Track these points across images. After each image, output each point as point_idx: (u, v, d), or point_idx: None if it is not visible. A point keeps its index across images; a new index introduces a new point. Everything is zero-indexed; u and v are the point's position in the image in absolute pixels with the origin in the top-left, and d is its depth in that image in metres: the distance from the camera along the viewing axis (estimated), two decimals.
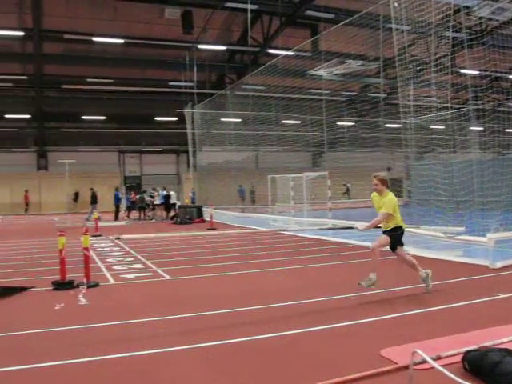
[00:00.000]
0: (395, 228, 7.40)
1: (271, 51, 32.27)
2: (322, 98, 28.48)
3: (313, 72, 26.16)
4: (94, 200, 27.80)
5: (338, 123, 34.57)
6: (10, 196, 41.51)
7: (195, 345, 5.19)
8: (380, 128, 32.70)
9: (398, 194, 30.25)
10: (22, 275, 9.81)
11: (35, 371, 4.62)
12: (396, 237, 7.42)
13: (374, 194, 7.52)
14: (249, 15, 29.15)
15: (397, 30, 13.40)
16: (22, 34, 30.75)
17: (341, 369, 4.37)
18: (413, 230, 11.67)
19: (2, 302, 7.61)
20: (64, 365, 4.76)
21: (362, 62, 26.89)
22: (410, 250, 11.39)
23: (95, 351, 5.07)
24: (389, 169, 28.91)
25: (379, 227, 7.48)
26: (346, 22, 18.43)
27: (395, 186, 31.34)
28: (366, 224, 7.52)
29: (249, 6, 28.36)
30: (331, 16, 29.65)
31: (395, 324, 5.95)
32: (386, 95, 34.76)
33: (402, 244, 7.57)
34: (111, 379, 4.40)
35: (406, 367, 4.09)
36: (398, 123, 17.40)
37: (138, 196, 28.74)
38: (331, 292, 7.63)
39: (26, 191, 41.01)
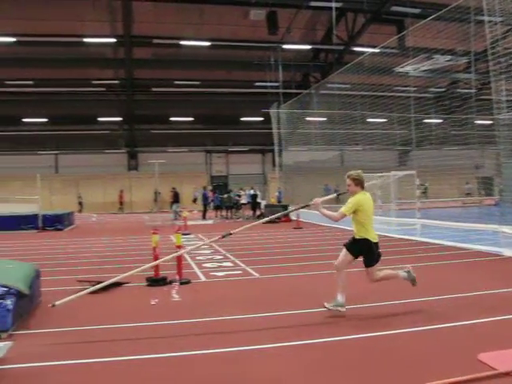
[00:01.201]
0: (362, 240, 6.55)
1: (356, 49, 31.98)
2: (408, 95, 27.90)
3: (399, 69, 25.68)
4: (176, 199, 28.52)
5: (426, 121, 33.73)
6: (103, 195, 43.40)
7: (287, 343, 5.30)
8: (470, 125, 31.62)
9: (489, 193, 29.11)
10: (118, 271, 10.26)
11: (131, 363, 4.90)
12: (364, 250, 6.54)
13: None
14: (333, 13, 29.03)
15: (489, 22, 12.97)
16: (114, 40, 32.18)
17: (436, 371, 4.33)
18: (507, 230, 11.30)
19: (100, 296, 8.04)
20: (159, 358, 5.01)
21: (450, 57, 26.14)
22: (504, 251, 11.07)
23: (189, 346, 5.30)
24: (477, 167, 27.94)
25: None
26: (433, 16, 17.99)
27: (486, 184, 30.25)
28: (322, 205, 6.75)
29: (333, 4, 28.25)
30: (418, 11, 29.03)
31: (493, 327, 5.77)
32: (476, 91, 33.60)
33: (376, 261, 6.61)
34: (202, 375, 4.58)
35: (508, 374, 3.99)
36: (490, 119, 16.82)
37: (225, 195, 29.30)
38: (425, 293, 7.51)
39: (121, 191, 42.75)
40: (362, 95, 28.29)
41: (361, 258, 6.57)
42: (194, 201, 32.91)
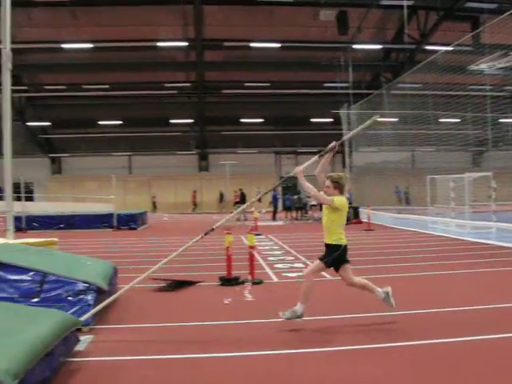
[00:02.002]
0: (334, 246, 6.15)
1: (428, 47, 31.29)
2: (483, 94, 27.07)
3: (473, 67, 24.94)
4: (243, 200, 28.89)
5: (502, 120, 32.61)
6: (174, 196, 44.36)
7: (373, 345, 5.27)
8: None
9: None
10: (192, 270, 10.48)
11: (209, 360, 4.99)
12: (335, 257, 6.17)
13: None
14: (405, 11, 28.50)
15: None
16: (185, 44, 32.88)
17: None
18: None
19: (175, 294, 8.24)
20: (239, 356, 5.08)
21: None
22: None
23: (265, 345, 5.35)
24: None
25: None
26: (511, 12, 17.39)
27: None
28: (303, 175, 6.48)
29: (405, 2, 27.74)
30: (494, 6, 28.14)
31: None
32: None
33: (345, 262, 6.28)
34: (287, 375, 4.62)
35: None
36: None
37: (295, 196, 29.32)
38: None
39: (194, 191, 43.57)
40: (435, 95, 27.67)
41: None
42: (259, 201, 33.07)
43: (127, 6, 30.19)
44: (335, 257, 6.16)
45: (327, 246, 6.24)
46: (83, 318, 5.83)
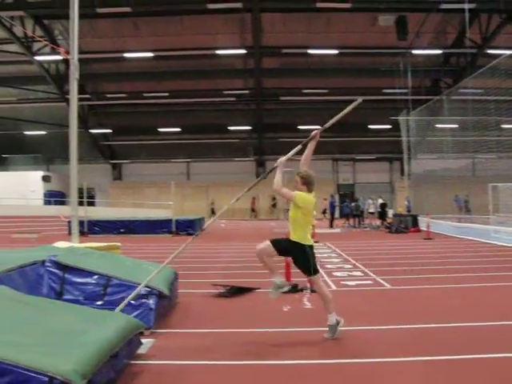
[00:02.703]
0: (296, 244, 5.97)
1: (490, 51, 30.51)
2: None
3: None
4: None
5: None
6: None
7: (420, 357, 5.17)
8: None
9: None
10: (250, 276, 10.53)
11: (272, 368, 5.00)
12: (297, 254, 6.01)
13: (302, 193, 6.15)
14: (466, 15, 27.89)
15: None
16: (244, 51, 33.26)
17: None
18: None
19: (234, 300, 8.31)
20: (301, 364, 5.08)
21: None
22: None
23: (323, 354, 5.34)
24: None
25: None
26: None
27: None
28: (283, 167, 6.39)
29: (466, 6, 27.15)
30: None
31: None
32: None
33: (314, 269, 5.95)
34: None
35: None
36: None
37: (353, 203, 29.09)
38: None
39: (254, 198, 43.83)
40: (498, 100, 26.94)
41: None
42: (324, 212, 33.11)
43: (187, 16, 30.75)
44: (296, 253, 6.03)
45: (291, 242, 6.06)
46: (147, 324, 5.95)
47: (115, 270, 6.74)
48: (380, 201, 28.33)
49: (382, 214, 28.17)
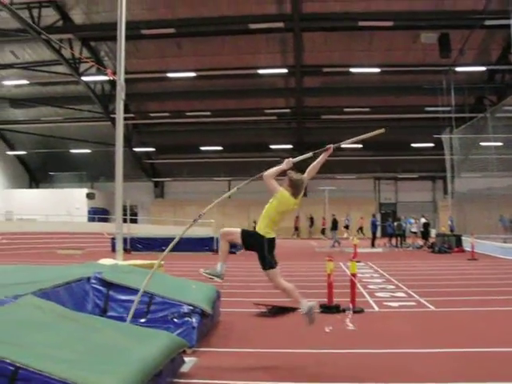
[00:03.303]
0: (257, 235, 6.16)
1: None
2: None
3: None
4: (334, 226, 28.93)
5: None
6: None
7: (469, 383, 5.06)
8: None
9: None
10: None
11: None
12: (256, 246, 6.17)
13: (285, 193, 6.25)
14: None
15: None
16: (285, 71, 33.43)
17: None
18: None
19: (276, 320, 8.28)
20: None
21: None
22: None
23: (370, 377, 5.25)
24: None
25: None
26: None
27: None
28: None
29: (511, 22, 26.74)
30: None
31: None
32: None
33: (269, 264, 6.20)
34: None
35: None
36: None
37: (395, 223, 28.73)
38: None
39: (297, 217, 43.88)
40: None
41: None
42: (346, 227, 32.93)
43: (229, 36, 31.16)
44: (255, 245, 6.19)
45: (255, 233, 6.21)
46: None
47: (158, 287, 6.80)
48: (423, 220, 27.92)
49: (425, 234, 27.75)
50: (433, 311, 8.96)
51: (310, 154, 6.73)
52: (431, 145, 39.57)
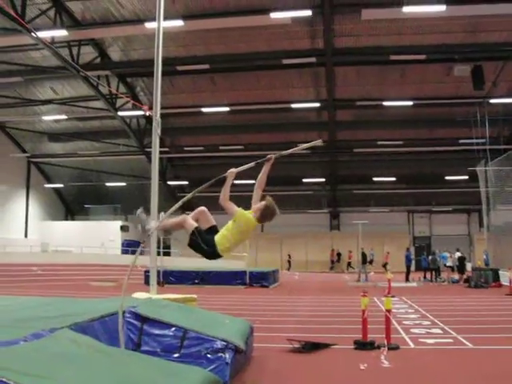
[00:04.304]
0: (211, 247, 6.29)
1: None
2: None
3: None
4: (363, 260, 29.09)
5: None
6: (305, 254, 44.51)
7: None
8: None
9: None
10: (326, 331, 10.38)
11: None
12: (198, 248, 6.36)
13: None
14: None
15: None
16: (318, 105, 33.64)
17: None
18: None
19: (310, 356, 8.18)
20: None
21: None
22: None
23: None
24: None
25: None
26: None
27: None
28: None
29: None
30: None
31: None
32: None
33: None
34: None
35: None
36: None
37: (430, 257, 28.29)
38: None
39: (333, 250, 43.70)
40: None
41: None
42: (371, 262, 32.69)
43: (262, 71, 31.54)
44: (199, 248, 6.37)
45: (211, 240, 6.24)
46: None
47: (192, 322, 6.82)
48: (458, 254, 27.44)
49: (461, 268, 27.25)
50: (471, 349, 8.76)
51: (252, 164, 6.75)
52: (465, 177, 39.09)
